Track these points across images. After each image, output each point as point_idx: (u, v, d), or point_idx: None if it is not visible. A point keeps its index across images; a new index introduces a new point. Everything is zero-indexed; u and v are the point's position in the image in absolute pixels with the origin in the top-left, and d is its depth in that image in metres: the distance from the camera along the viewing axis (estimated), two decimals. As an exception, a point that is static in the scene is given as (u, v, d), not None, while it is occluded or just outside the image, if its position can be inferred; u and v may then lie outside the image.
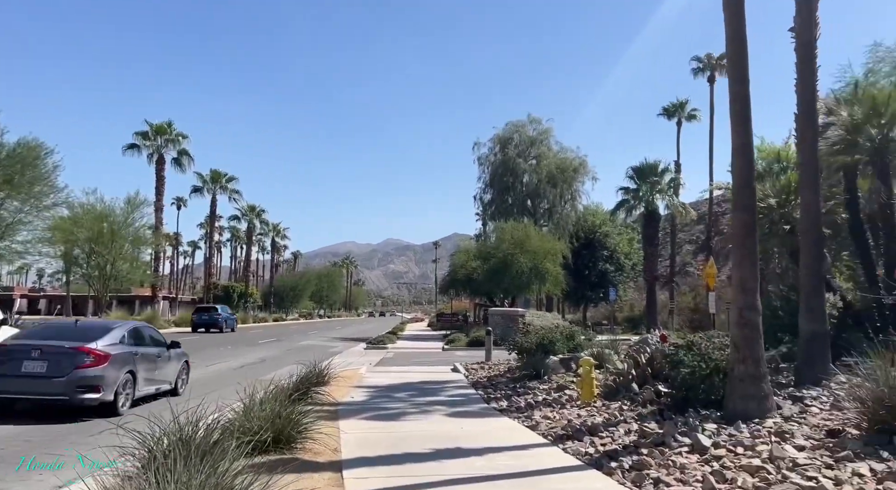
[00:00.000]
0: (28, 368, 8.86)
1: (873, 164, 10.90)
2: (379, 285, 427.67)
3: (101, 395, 8.99)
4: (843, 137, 10.88)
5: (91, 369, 8.99)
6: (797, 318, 9.37)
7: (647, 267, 40.50)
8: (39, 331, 10.87)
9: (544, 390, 11.15)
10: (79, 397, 8.85)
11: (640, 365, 8.99)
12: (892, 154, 10.77)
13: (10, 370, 8.84)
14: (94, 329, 10.33)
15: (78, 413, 9.04)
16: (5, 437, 7.75)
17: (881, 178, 10.80)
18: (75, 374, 8.85)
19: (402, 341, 33.50)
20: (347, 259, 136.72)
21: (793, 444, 5.72)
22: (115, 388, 9.28)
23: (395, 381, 13.84)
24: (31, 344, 9.31)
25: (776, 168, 13.93)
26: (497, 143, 42.25)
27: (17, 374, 8.82)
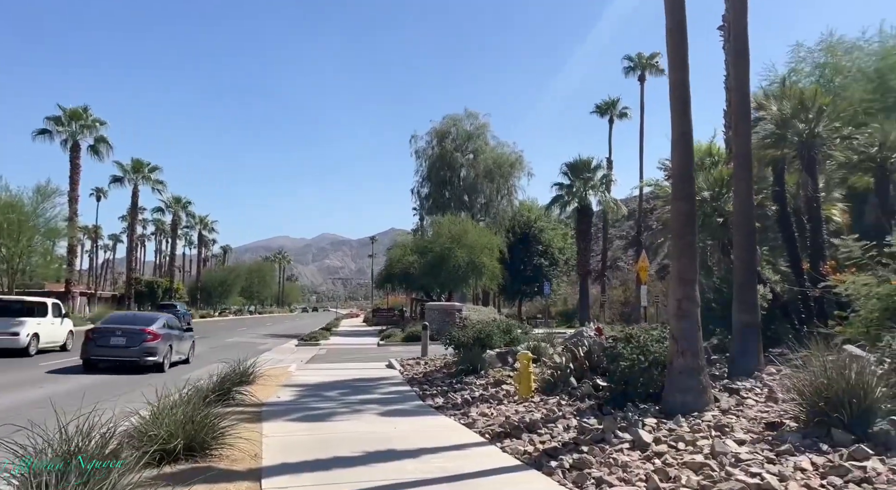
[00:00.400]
0: (114, 342, 14.13)
1: (801, 157, 11.19)
2: (313, 281, 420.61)
3: (156, 359, 14.19)
4: (773, 132, 11.13)
5: (152, 343, 14.16)
6: (729, 310, 9.45)
7: (580, 261, 41.15)
8: (115, 318, 16.66)
9: (481, 386, 10.86)
10: (144, 360, 14.02)
11: (577, 358, 8.82)
12: (818, 148, 11.08)
13: (103, 343, 14.17)
14: (147, 317, 16.18)
15: (140, 370, 13.92)
16: (81, 386, 11.71)
17: (808, 172, 11.09)
18: (144, 345, 14.05)
19: (336, 337, 32.68)
20: (280, 254, 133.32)
21: (733, 437, 5.59)
22: (163, 355, 14.48)
23: (326, 379, 13.24)
24: (114, 327, 14.63)
25: (708, 162, 14.21)
26: (434, 136, 41.93)
27: (107, 346, 14.13)
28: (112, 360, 14.19)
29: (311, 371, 15.45)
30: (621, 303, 45.96)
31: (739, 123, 8.97)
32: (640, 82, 43.82)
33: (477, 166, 40.95)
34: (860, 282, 8.87)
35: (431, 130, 42.27)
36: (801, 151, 11.05)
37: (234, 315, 74.78)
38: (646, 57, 43.92)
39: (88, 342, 14.37)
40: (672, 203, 7.31)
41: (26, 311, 18.36)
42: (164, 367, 14.46)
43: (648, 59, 43.90)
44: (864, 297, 8.76)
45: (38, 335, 17.89)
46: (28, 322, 17.69)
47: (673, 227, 7.22)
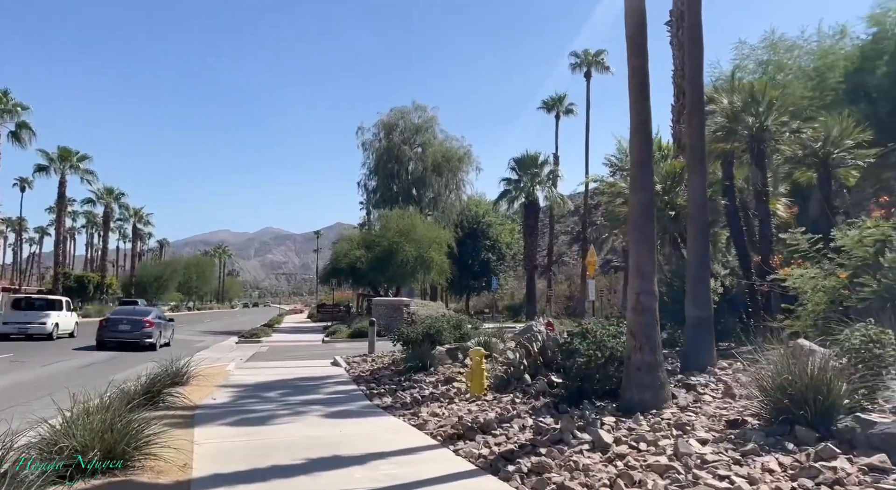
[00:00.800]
0: (121, 328, 19.33)
1: (750, 151, 11.28)
2: (256, 276, 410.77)
3: (151, 340, 19.36)
4: (723, 125, 11.17)
5: (149, 329, 19.38)
6: (680, 304, 9.38)
7: (527, 256, 41.36)
8: (120, 311, 22.31)
9: (431, 383, 10.47)
10: (143, 341, 19.15)
11: (532, 354, 8.54)
12: (767, 142, 11.19)
13: (113, 329, 19.44)
14: (144, 311, 21.96)
15: (140, 349, 18.94)
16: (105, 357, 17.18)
17: (758, 166, 11.18)
18: (143, 330, 19.25)
19: (278, 334, 31.66)
20: (220, 248, 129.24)
21: (695, 437, 5.39)
22: (157, 338, 19.74)
23: (266, 379, 12.57)
24: (121, 317, 20.02)
25: (657, 156, 14.25)
26: (382, 128, 41.21)
27: (116, 331, 19.33)
28: (119, 340, 19.39)
29: (251, 370, 14.71)
30: (566, 297, 46.54)
31: (693, 116, 8.86)
32: (587, 79, 44.32)
33: (425, 160, 40.47)
34: (807, 275, 8.93)
35: (379, 122, 41.56)
36: (750, 145, 11.14)
37: (171, 311, 71.84)
38: (592, 54, 44.40)
39: (102, 328, 19.94)
40: (630, 194, 7.09)
41: (49, 306, 23.79)
42: (156, 347, 19.78)
43: (594, 55, 44.39)
44: (812, 291, 8.82)
45: (58, 324, 23.37)
46: (52, 314, 23.24)
47: (631, 218, 7.00)
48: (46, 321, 22.61)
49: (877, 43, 16.57)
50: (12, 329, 22.23)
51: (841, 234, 8.97)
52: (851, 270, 8.57)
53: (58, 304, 24.02)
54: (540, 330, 16.00)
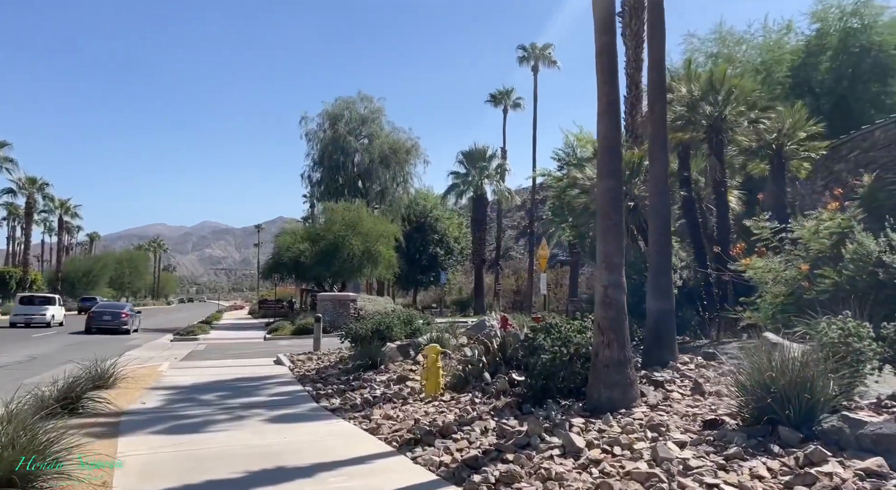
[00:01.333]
0: (105, 318, 26.22)
1: (709, 141, 11.19)
2: (194, 271, 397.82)
3: (127, 327, 26.36)
4: (682, 114, 11.02)
5: (125, 319, 26.49)
6: (638, 298, 9.13)
7: (475, 251, 41.19)
8: (102, 305, 29.60)
9: (383, 382, 9.89)
10: (121, 328, 26.06)
11: (491, 351, 8.09)
12: (726, 131, 11.11)
13: (98, 319, 26.23)
14: (121, 305, 30.03)
15: (119, 333, 25.74)
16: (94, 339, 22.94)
17: (717, 156, 11.09)
18: (121, 319, 26.36)
19: (217, 331, 30.30)
20: (156, 242, 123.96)
21: (672, 439, 5.04)
22: (131, 325, 26.76)
23: (203, 380, 11.70)
24: (104, 310, 27.24)
25: None
26: (326, 118, 40.02)
27: (101, 320, 26.07)
28: (103, 327, 26.18)
29: (187, 370, 13.75)
30: (513, 291, 46.67)
31: (655, 102, 8.59)
32: (534, 73, 44.29)
33: (372, 151, 39.57)
34: (767, 266, 8.81)
35: (323, 112, 40.33)
36: (709, 135, 11.03)
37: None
38: (539, 47, 44.40)
39: (90, 319, 26.74)
40: (598, 180, 6.71)
41: (47, 302, 32.21)
42: (130, 332, 26.78)
43: (542, 49, 44.42)
44: (772, 282, 8.71)
45: (54, 315, 31.08)
46: (50, 308, 31.16)
47: (599, 206, 6.62)
48: (46, 313, 30.59)
49: (820, 38, 16.98)
50: (20, 319, 30.20)
51: (798, 225, 8.89)
52: (809, 262, 8.50)
53: (52, 300, 32.76)
54: (492, 325, 15.66)
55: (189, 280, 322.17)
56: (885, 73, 15.84)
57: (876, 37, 15.87)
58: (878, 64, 15.72)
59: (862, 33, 16.10)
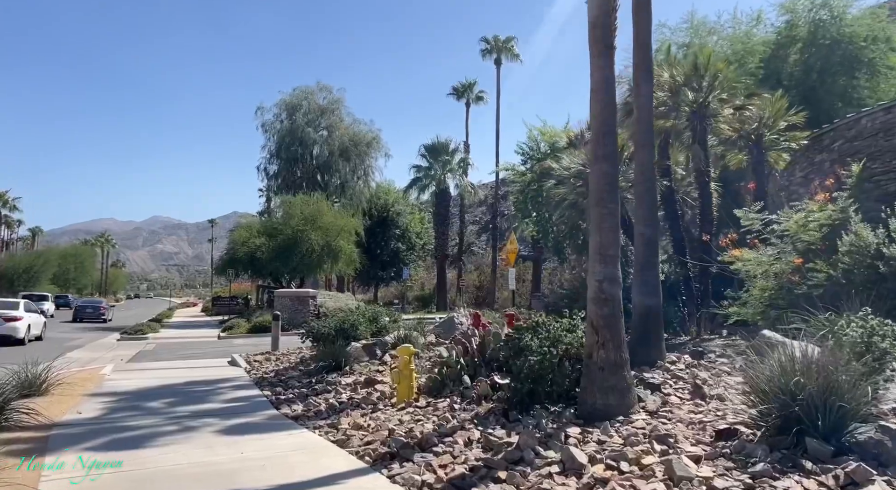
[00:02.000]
0: (88, 312, 36.49)
1: (692, 128, 10.77)
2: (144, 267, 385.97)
3: (105, 316, 36.57)
4: (664, 100, 10.58)
5: (103, 311, 36.91)
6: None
7: (437, 246, 40.54)
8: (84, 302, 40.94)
9: (349, 386, 9.16)
10: (101, 317, 36.11)
11: (469, 351, 7.44)
12: (710, 118, 10.72)
13: (82, 311, 36.56)
14: (99, 301, 41.98)
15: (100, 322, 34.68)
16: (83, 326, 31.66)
17: (700, 144, 10.70)
18: (101, 311, 36.83)
19: (168, 330, 28.87)
20: (103, 237, 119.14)
21: (684, 452, 4.49)
22: (107, 316, 36.93)
23: (150, 384, 10.72)
24: (86, 304, 38.26)
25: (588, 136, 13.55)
26: (284, 109, 38.65)
27: (85, 313, 36.31)
28: (87, 317, 35.08)
29: (133, 373, 12.69)
30: (476, 287, 46.22)
31: (642, 84, 8.08)
32: (497, 66, 43.82)
33: (332, 143, 38.40)
34: (756, 259, 8.43)
35: (280, 102, 38.93)
36: (692, 122, 10.63)
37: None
38: (502, 40, 43.93)
39: (76, 311, 36.33)
40: (592, 165, 6.12)
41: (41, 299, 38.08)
42: (107, 321, 34.73)
43: (504, 42, 43.97)
44: (761, 276, 8.33)
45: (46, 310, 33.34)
46: (45, 303, 36.64)
47: (592, 192, 6.04)
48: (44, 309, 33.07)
49: (790, 30, 16.91)
50: None
51: (784, 217, 8.54)
52: (798, 255, 8.14)
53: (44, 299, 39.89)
54: (462, 322, 15.03)
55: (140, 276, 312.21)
56: (854, 66, 15.87)
57: (846, 29, 15.88)
58: (847, 56, 15.73)
59: (832, 25, 16.09)
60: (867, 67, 15.89)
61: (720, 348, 8.73)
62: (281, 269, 31.72)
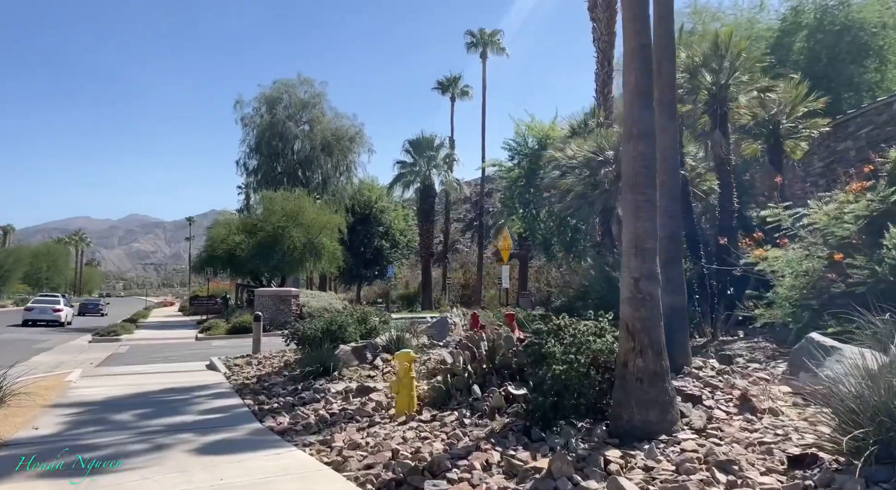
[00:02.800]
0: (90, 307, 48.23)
1: (711, 113, 10.06)
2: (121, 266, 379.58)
3: (102, 311, 46.65)
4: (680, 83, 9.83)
5: (102, 308, 48.56)
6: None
7: (422, 243, 39.70)
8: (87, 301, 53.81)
9: (340, 394, 8.32)
10: (101, 312, 46.27)
11: (477, 357, 6.65)
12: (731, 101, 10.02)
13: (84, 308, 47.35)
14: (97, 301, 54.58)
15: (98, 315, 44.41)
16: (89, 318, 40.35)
17: (721, 129, 9.98)
18: (99, 308, 48.24)
19: (143, 330, 27.72)
20: (77, 235, 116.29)
21: (756, 484, 3.77)
22: (104, 310, 47.43)
23: (121, 392, 9.77)
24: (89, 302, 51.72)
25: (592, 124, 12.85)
26: (264, 102, 37.51)
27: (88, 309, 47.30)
28: (89, 312, 44.46)
29: (102, 379, 11.71)
30: (461, 285, 45.44)
31: (663, 61, 7.34)
32: (482, 60, 42.99)
33: (314, 138, 37.34)
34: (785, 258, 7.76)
35: (260, 96, 37.78)
36: (711, 106, 9.92)
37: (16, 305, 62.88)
38: (488, 33, 43.08)
39: (81, 307, 45.44)
40: (625, 144, 5.37)
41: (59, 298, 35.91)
42: (104, 314, 42.98)
43: (490, 35, 43.13)
44: (790, 275, 7.65)
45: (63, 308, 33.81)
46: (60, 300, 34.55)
47: (626, 177, 5.30)
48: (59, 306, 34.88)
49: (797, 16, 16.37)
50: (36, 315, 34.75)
51: (815, 209, 7.88)
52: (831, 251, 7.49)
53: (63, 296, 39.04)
54: (455, 322, 14.25)
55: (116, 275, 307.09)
56: (863, 54, 15.37)
57: (855, 15, 15.37)
58: (856, 44, 15.22)
59: (839, 11, 15.58)
60: (876, 55, 15.39)
61: (746, 351, 8.07)
62: (261, 268, 30.67)
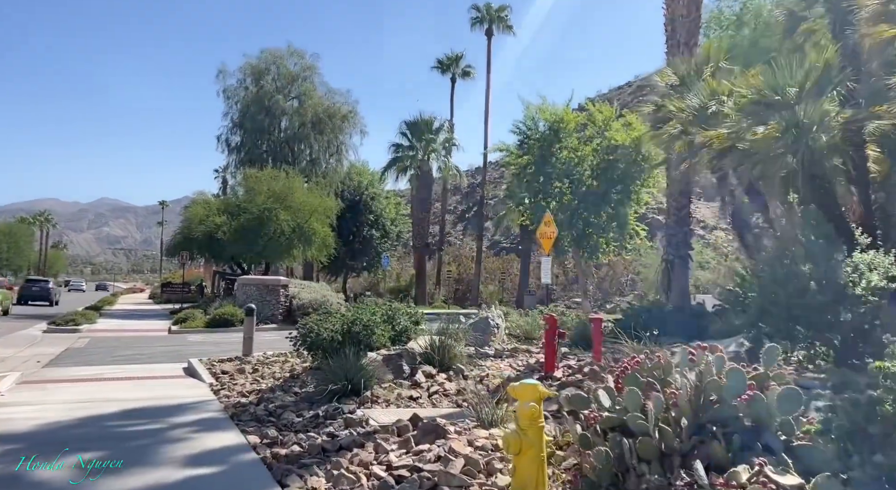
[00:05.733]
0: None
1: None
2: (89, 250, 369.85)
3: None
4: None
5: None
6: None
7: (417, 233, 36.98)
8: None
9: (391, 433, 5.60)
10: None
11: (674, 403, 3.89)
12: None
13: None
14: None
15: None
16: None
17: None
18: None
19: (107, 320, 24.51)
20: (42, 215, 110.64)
21: None
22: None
23: (62, 415, 6.89)
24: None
25: (693, 77, 10.21)
26: (249, 73, 34.30)
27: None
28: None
29: (44, 390, 8.80)
30: (455, 280, 42.82)
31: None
32: (488, 37, 40.07)
33: (303, 115, 34.25)
34: None
35: (245, 66, 34.51)
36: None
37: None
38: (494, 8, 40.19)
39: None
40: None
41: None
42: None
43: (497, 11, 40.25)
44: None
45: None
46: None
47: None
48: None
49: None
50: None
51: None
52: None
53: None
54: (497, 323, 11.63)
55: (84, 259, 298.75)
56: None
57: None
58: None
59: None
60: None
61: None
62: (245, 254, 27.64)
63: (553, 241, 13.95)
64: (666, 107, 9.62)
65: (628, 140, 29.20)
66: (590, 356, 9.31)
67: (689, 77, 9.70)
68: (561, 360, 8.80)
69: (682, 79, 9.83)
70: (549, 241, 13.59)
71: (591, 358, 8.59)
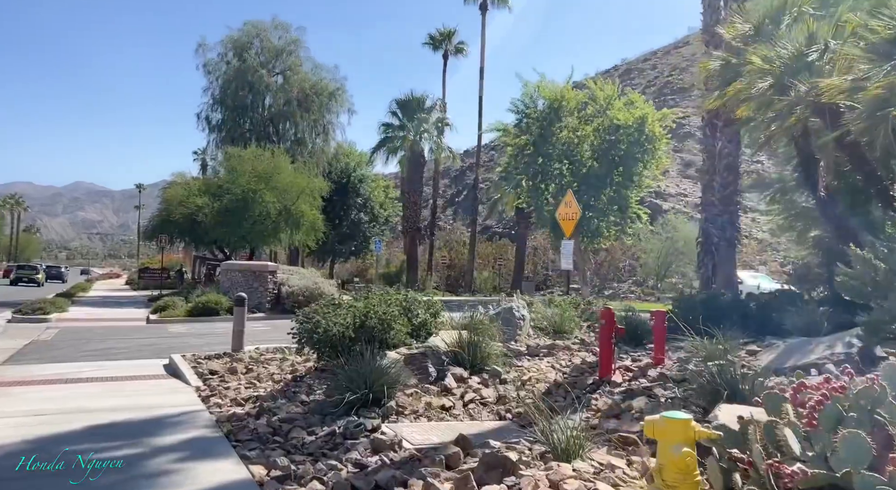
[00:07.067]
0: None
1: None
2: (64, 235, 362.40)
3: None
4: None
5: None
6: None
7: (408, 217, 35.54)
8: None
9: (432, 460, 4.29)
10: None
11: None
12: None
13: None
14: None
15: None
16: None
17: None
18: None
19: (79, 307, 22.82)
20: (13, 198, 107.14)
21: None
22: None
23: (13, 434, 5.46)
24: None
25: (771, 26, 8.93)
26: (231, 47, 32.40)
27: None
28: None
29: (-5, 397, 7.32)
30: (446, 266, 41.50)
31: None
32: (482, 12, 38.32)
33: (288, 91, 32.48)
34: None
35: (227, 39, 32.58)
36: None
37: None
38: (489, -21, 38.46)
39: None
40: None
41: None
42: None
43: (493, -18, 38.52)
44: None
45: None
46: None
47: None
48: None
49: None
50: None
51: None
52: None
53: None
54: (523, 315, 10.35)
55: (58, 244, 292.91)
56: None
57: None
58: None
59: None
60: None
61: None
62: (228, 237, 26.01)
63: (576, 222, 12.65)
64: (735, 61, 8.25)
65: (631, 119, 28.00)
66: (643, 354, 8.09)
67: (763, 25, 8.38)
68: (611, 360, 7.55)
69: (757, 28, 8.48)
70: (572, 222, 12.30)
71: (651, 358, 7.35)
